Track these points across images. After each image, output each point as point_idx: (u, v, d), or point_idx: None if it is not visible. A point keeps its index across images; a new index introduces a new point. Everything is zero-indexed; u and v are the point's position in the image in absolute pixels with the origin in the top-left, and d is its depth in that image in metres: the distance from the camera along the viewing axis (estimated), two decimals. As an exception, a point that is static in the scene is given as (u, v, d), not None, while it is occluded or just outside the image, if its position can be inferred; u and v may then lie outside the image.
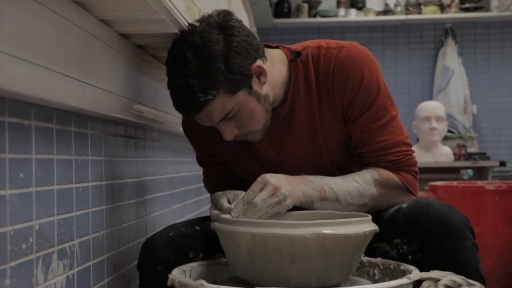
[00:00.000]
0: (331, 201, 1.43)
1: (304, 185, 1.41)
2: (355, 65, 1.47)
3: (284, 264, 1.17)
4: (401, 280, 1.16)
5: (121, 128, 1.69)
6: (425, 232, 1.37)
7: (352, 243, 1.19)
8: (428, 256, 1.37)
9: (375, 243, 1.43)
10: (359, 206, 1.46)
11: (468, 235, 1.37)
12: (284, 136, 1.54)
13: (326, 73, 1.49)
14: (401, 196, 1.50)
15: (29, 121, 1.13)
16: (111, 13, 1.36)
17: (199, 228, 1.51)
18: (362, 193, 1.45)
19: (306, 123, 1.52)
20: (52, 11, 1.11)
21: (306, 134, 1.52)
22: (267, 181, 1.33)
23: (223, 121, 1.43)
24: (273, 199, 1.32)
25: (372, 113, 1.48)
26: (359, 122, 1.49)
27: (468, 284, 1.16)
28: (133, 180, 1.79)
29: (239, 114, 1.42)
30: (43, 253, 1.17)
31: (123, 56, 1.53)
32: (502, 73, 6.20)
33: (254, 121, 1.45)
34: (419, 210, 1.40)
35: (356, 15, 6.15)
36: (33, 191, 1.14)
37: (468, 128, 5.91)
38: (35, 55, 1.05)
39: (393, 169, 1.49)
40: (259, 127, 1.47)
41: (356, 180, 1.46)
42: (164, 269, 1.39)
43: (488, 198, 3.14)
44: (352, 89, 1.47)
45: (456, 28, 6.16)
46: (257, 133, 1.49)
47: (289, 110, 1.52)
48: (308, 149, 1.53)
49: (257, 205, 1.31)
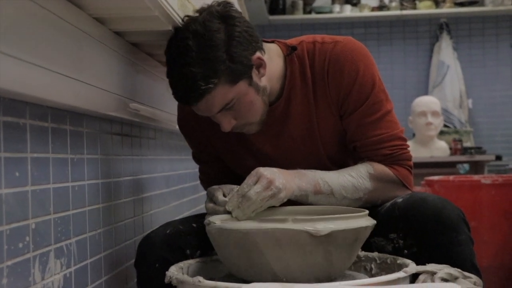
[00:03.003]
0: (326, 195, 1.43)
1: (299, 178, 1.41)
2: (350, 60, 1.48)
3: (279, 260, 1.18)
4: (398, 273, 1.16)
5: (117, 126, 1.69)
6: (421, 226, 1.37)
7: (348, 238, 1.20)
8: (424, 250, 1.37)
9: (372, 238, 1.43)
10: (354, 200, 1.46)
11: (463, 229, 1.38)
12: (280, 131, 1.54)
13: (321, 68, 1.50)
14: (396, 190, 1.50)
15: (24, 120, 1.13)
16: (105, 11, 1.35)
17: (196, 225, 1.51)
18: (357, 187, 1.45)
19: (302, 117, 1.52)
20: (46, 9, 1.11)
21: (302, 129, 1.53)
22: (261, 174, 1.33)
23: (221, 111, 1.42)
24: (267, 192, 1.31)
25: (367, 107, 1.48)
26: (354, 116, 1.49)
27: (464, 277, 1.16)
28: (130, 178, 1.79)
29: (238, 105, 1.42)
30: (40, 252, 1.18)
31: (117, 54, 1.53)
32: (497, 67, 6.21)
33: (252, 112, 1.45)
34: (414, 204, 1.40)
35: (351, 11, 6.15)
36: (29, 190, 1.14)
37: (464, 123, 5.92)
38: (29, 54, 1.05)
39: (387, 163, 1.50)
40: (256, 118, 1.48)
41: (351, 174, 1.46)
42: (161, 266, 1.39)
43: (484, 192, 3.14)
44: (348, 83, 1.47)
45: (451, 23, 6.17)
46: (254, 125, 1.49)
47: (285, 104, 1.52)
48: (304, 144, 1.53)
49: (251, 198, 1.30)
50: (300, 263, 1.18)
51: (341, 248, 1.20)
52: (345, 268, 1.26)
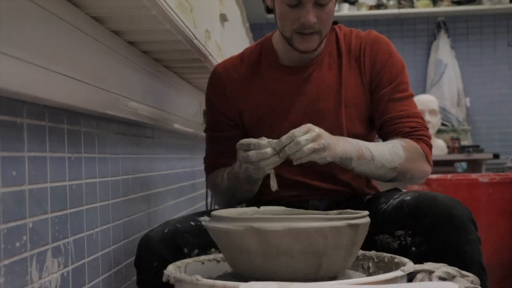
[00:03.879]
0: (367, 161, 1.48)
1: (343, 142, 1.45)
2: (384, 42, 1.69)
3: (278, 258, 1.17)
4: (396, 272, 1.16)
5: (114, 125, 1.69)
6: (431, 224, 1.39)
7: (346, 237, 1.19)
8: (433, 248, 1.38)
9: (376, 235, 1.44)
10: (389, 170, 1.52)
11: (472, 228, 1.40)
12: (310, 88, 1.64)
13: (357, 48, 1.67)
14: (422, 163, 1.59)
15: (21, 119, 1.13)
16: (102, 10, 1.35)
17: (194, 223, 1.51)
18: (393, 156, 1.52)
19: (332, 79, 1.64)
20: (43, 8, 1.11)
21: (330, 90, 1.63)
22: (311, 127, 1.36)
23: (313, 6, 1.53)
24: (315, 145, 1.33)
25: (397, 85, 1.64)
26: (387, 91, 1.63)
27: (462, 275, 1.16)
28: (127, 177, 1.79)
29: (326, 7, 1.55)
30: (37, 251, 1.17)
31: (115, 53, 1.53)
32: (495, 66, 6.21)
33: (328, 22, 1.59)
34: (425, 202, 1.42)
35: (348, 10, 6.15)
36: (26, 189, 1.14)
37: (461, 121, 5.92)
38: (26, 53, 1.05)
39: (414, 137, 1.59)
40: (326, 29, 1.59)
41: (387, 145, 1.55)
42: (160, 265, 1.39)
43: (482, 190, 3.15)
44: (382, 59, 1.65)
45: (448, 22, 6.17)
46: (319, 37, 1.58)
47: (318, 67, 1.65)
48: (327, 106, 1.63)
49: (301, 143, 1.32)
50: (296, 262, 1.18)
51: (337, 247, 1.19)
52: (343, 267, 1.26)
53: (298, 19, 1.54)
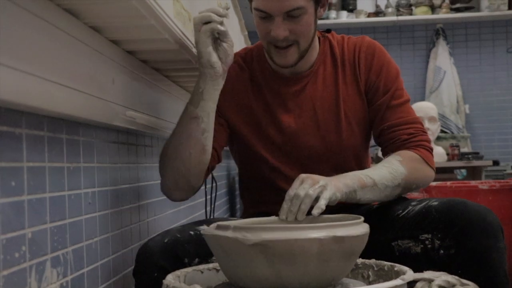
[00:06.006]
0: (370, 187, 1.48)
1: (342, 178, 1.45)
2: (379, 48, 1.70)
3: (276, 268, 1.17)
4: (395, 281, 1.15)
5: (113, 134, 1.69)
6: (463, 228, 1.39)
7: (344, 246, 1.19)
8: (462, 252, 1.39)
9: (393, 241, 1.46)
10: (393, 188, 1.52)
11: (501, 237, 1.41)
12: (305, 102, 1.65)
13: (352, 55, 1.68)
14: (424, 170, 1.60)
15: (20, 129, 1.13)
16: (100, 20, 1.35)
17: (193, 233, 1.51)
18: (394, 174, 1.52)
19: (328, 94, 1.64)
20: (41, 18, 1.11)
21: (327, 103, 1.64)
22: (301, 177, 1.36)
23: (284, 19, 1.52)
24: (314, 187, 1.33)
25: (394, 91, 1.66)
26: (384, 100, 1.63)
27: (462, 284, 1.16)
28: (126, 186, 1.79)
29: (300, 19, 1.54)
30: (36, 261, 1.17)
31: (113, 62, 1.53)
32: (494, 72, 6.23)
33: (306, 34, 1.57)
34: (456, 206, 1.43)
35: (347, 17, 6.17)
36: (25, 199, 1.13)
37: (461, 128, 5.93)
38: (25, 63, 1.05)
39: (410, 146, 1.59)
40: (305, 41, 1.58)
41: (384, 165, 1.54)
42: (160, 275, 1.39)
43: (481, 197, 3.14)
44: (377, 67, 1.66)
45: (447, 29, 6.19)
46: (297, 49, 1.58)
47: (314, 77, 1.66)
48: (325, 119, 1.63)
49: (300, 194, 1.31)
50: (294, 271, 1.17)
51: (337, 257, 1.19)
52: (342, 276, 1.25)
53: (269, 32, 1.55)
